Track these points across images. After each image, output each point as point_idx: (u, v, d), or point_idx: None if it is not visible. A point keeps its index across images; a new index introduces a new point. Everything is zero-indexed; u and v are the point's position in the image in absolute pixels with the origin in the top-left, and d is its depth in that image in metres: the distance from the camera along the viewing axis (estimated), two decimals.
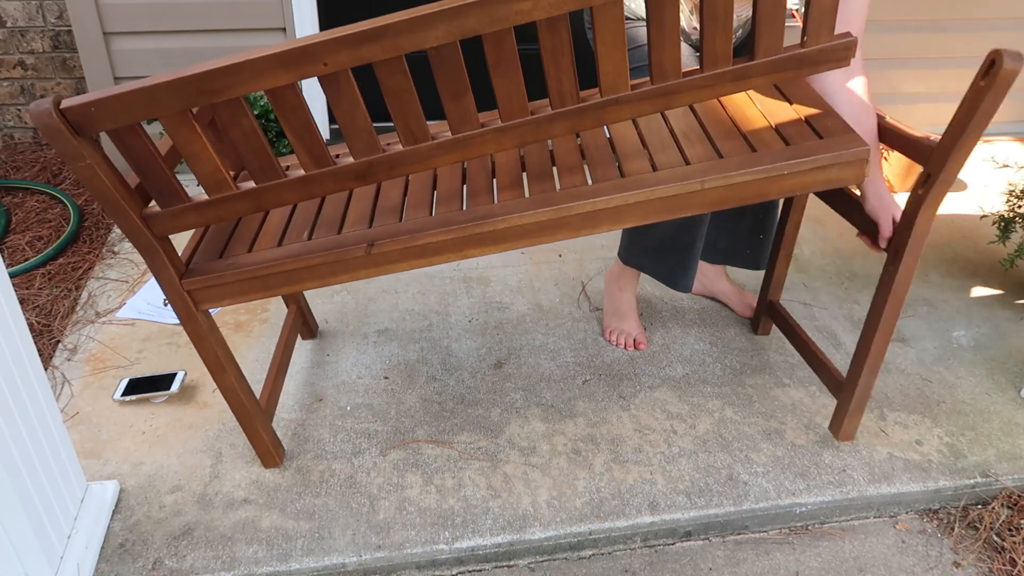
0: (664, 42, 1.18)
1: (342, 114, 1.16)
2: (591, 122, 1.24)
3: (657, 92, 1.23)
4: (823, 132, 1.33)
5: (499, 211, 1.30)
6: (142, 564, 1.39)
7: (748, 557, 1.51)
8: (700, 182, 1.27)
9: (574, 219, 1.30)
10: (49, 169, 2.69)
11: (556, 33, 1.13)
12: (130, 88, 1.06)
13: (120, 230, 1.22)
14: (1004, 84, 1.17)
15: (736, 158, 1.30)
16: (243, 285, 1.34)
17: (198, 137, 1.15)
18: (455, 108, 1.19)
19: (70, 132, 1.08)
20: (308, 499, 1.52)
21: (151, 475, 1.56)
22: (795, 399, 1.81)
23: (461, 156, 1.24)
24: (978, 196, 2.77)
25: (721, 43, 1.20)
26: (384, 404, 1.76)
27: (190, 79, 1.07)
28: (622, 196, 1.28)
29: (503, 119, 1.22)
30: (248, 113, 1.14)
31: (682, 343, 1.99)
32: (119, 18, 2.41)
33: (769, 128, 1.38)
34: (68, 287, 2.14)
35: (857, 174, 1.30)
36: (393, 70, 1.13)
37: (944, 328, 2.07)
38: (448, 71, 1.14)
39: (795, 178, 1.29)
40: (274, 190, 1.24)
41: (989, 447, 1.69)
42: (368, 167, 1.23)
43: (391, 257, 1.32)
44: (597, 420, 1.73)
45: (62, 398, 1.74)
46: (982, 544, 1.55)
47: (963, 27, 2.90)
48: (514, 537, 1.47)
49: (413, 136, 1.21)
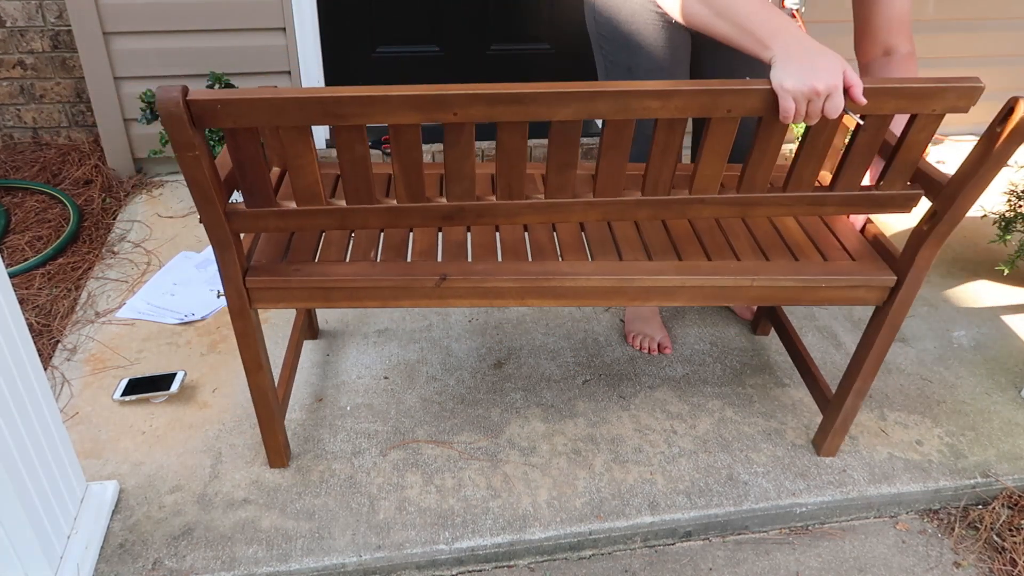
0: (762, 161, 1.27)
1: (453, 159, 1.22)
2: (673, 213, 1.34)
3: (741, 201, 1.33)
4: (855, 255, 1.47)
5: (566, 270, 1.39)
6: (142, 564, 1.39)
7: (748, 557, 1.51)
8: (751, 279, 1.39)
9: (631, 290, 1.40)
10: (49, 169, 2.69)
11: (672, 133, 1.21)
12: (260, 95, 1.10)
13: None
14: (1021, 131, 1.18)
15: (782, 263, 1.43)
16: (306, 293, 1.37)
17: (309, 151, 1.19)
18: (557, 177, 1.27)
19: (189, 122, 1.11)
20: (308, 499, 1.52)
21: (151, 475, 1.56)
22: (795, 399, 1.81)
23: (548, 219, 1.33)
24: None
25: (810, 172, 1.30)
26: (384, 404, 1.76)
27: (320, 100, 1.11)
28: (680, 279, 1.39)
29: (596, 194, 1.30)
30: (364, 141, 1.18)
31: (682, 343, 1.99)
32: (119, 18, 2.41)
33: (808, 242, 1.51)
34: (68, 287, 2.14)
35: (878, 298, 1.43)
36: (515, 132, 1.19)
37: (944, 328, 2.07)
38: (565, 144, 1.22)
39: (829, 292, 1.42)
40: (363, 213, 1.28)
41: (989, 447, 1.69)
42: (459, 211, 1.29)
43: (458, 293, 1.38)
44: (597, 420, 1.73)
45: (62, 398, 1.74)
46: (982, 544, 1.55)
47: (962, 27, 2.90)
48: (514, 537, 1.47)
49: (510, 192, 1.28)
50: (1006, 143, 1.20)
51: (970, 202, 1.29)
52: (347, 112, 1.12)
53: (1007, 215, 2.15)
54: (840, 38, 2.77)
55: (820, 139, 1.25)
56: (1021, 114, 1.15)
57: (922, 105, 1.18)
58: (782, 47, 1.17)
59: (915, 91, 1.16)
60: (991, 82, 3.08)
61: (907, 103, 1.18)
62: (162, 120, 1.09)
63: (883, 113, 1.19)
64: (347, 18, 2.66)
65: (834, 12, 2.73)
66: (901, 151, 1.27)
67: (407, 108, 1.12)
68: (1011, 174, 2.87)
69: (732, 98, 1.15)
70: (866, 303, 1.44)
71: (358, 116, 1.13)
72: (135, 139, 2.63)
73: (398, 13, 2.67)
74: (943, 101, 1.18)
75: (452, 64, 2.74)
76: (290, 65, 2.56)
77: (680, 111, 1.16)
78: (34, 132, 2.84)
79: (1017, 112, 1.16)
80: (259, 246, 1.44)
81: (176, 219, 2.46)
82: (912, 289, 1.40)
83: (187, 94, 1.09)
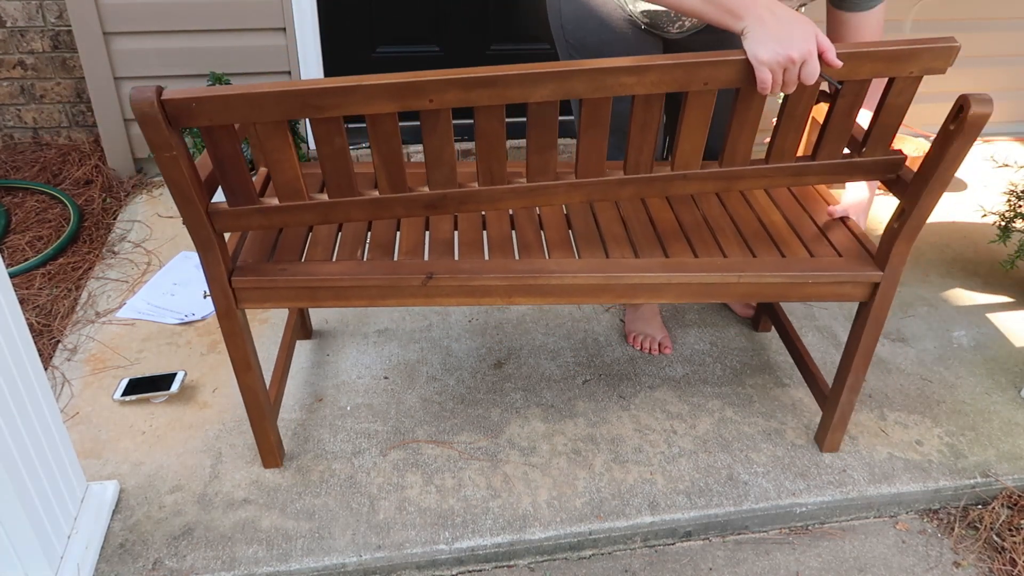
0: (742, 133, 1.27)
1: (432, 147, 1.22)
2: (656, 191, 1.34)
3: (722, 175, 1.33)
4: (842, 251, 1.46)
5: (553, 268, 1.39)
6: (142, 564, 1.39)
7: (748, 557, 1.51)
8: (737, 276, 1.39)
9: (618, 287, 1.40)
10: (49, 169, 2.69)
11: (650, 109, 1.21)
12: (235, 91, 1.09)
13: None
14: (972, 129, 1.20)
15: (769, 259, 1.43)
16: (292, 293, 1.37)
17: (287, 146, 1.18)
18: (538, 159, 1.26)
19: (165, 122, 1.11)
20: (308, 499, 1.52)
21: (151, 475, 1.56)
22: (795, 399, 1.81)
23: (531, 202, 1.32)
24: (978, 196, 2.77)
25: (791, 141, 1.30)
26: (384, 404, 1.76)
27: (298, 93, 1.10)
28: (667, 276, 1.39)
29: (578, 175, 1.30)
30: (343, 132, 1.18)
31: (682, 343, 1.99)
32: (119, 18, 2.41)
33: (794, 237, 1.51)
34: (68, 287, 2.14)
35: (864, 294, 1.44)
36: (492, 116, 1.19)
37: (944, 328, 2.07)
38: (543, 126, 1.22)
39: (816, 288, 1.42)
40: (346, 206, 1.28)
41: (989, 447, 1.69)
42: (441, 199, 1.29)
43: (445, 291, 1.38)
44: (597, 420, 1.73)
45: (62, 398, 1.74)
46: (982, 544, 1.55)
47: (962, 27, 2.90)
48: (514, 537, 1.47)
49: (491, 177, 1.27)
50: (960, 142, 1.21)
51: (935, 198, 1.31)
52: (324, 103, 1.11)
53: (1007, 215, 2.15)
54: None
55: (798, 108, 1.24)
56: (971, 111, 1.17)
57: (898, 68, 1.18)
58: (754, 18, 1.16)
59: (890, 54, 1.17)
60: (991, 82, 3.08)
61: (883, 66, 1.18)
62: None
63: (860, 78, 1.19)
64: (347, 18, 2.66)
65: None
66: (881, 116, 1.27)
67: (383, 96, 1.11)
68: (1011, 174, 2.87)
69: (708, 70, 1.15)
70: (852, 299, 1.44)
71: (335, 107, 1.12)
72: (135, 139, 2.64)
73: (398, 13, 2.67)
74: (919, 62, 1.18)
75: (452, 64, 2.74)
76: (290, 65, 2.56)
77: (655, 86, 1.16)
78: (34, 132, 2.84)
79: (967, 110, 1.18)
80: (245, 246, 1.44)
81: (176, 219, 2.46)
82: (891, 284, 1.42)
83: (161, 94, 1.08)
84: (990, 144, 3.15)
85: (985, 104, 1.17)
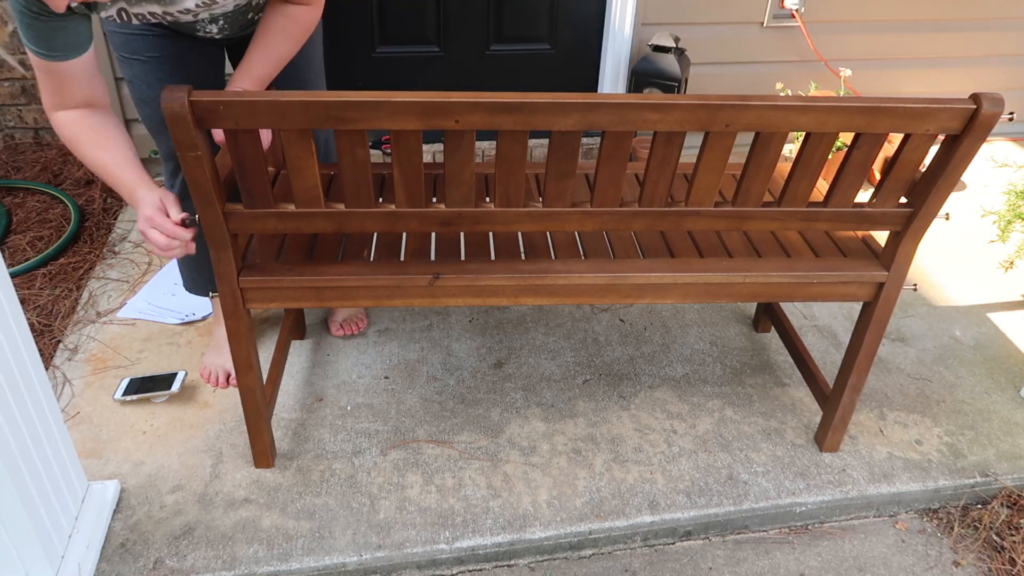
0: (758, 176, 1.28)
1: (453, 166, 1.22)
2: (669, 225, 1.34)
3: (734, 214, 1.33)
4: (846, 251, 1.47)
5: (560, 268, 1.40)
6: (143, 564, 1.39)
7: (748, 556, 1.51)
8: (743, 276, 1.39)
9: (624, 288, 1.41)
10: (50, 169, 2.69)
11: (670, 146, 1.22)
12: (263, 97, 1.10)
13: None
14: (983, 129, 1.20)
15: (774, 260, 1.44)
16: (299, 293, 1.37)
17: (310, 155, 1.19)
18: (556, 186, 1.27)
19: (193, 122, 1.12)
20: (308, 499, 1.52)
21: (152, 475, 1.56)
22: (795, 399, 1.81)
23: (545, 227, 1.33)
24: (978, 196, 2.77)
25: (804, 187, 1.30)
26: (384, 404, 1.77)
27: (323, 104, 1.11)
28: (672, 276, 1.40)
29: (594, 204, 1.30)
30: (366, 145, 1.19)
31: (682, 343, 1.99)
32: None
33: (799, 238, 1.51)
34: (69, 287, 2.14)
35: (869, 294, 1.44)
36: (516, 141, 1.19)
37: (944, 328, 2.07)
38: (564, 154, 1.22)
39: (821, 288, 1.43)
40: (361, 216, 1.28)
41: (989, 447, 1.69)
42: (456, 216, 1.29)
43: (451, 292, 1.38)
44: (597, 420, 1.74)
45: (63, 398, 1.75)
46: (982, 543, 1.55)
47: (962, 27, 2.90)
48: (514, 537, 1.47)
49: (508, 200, 1.28)
50: (970, 141, 1.22)
51: (941, 199, 1.31)
52: (349, 116, 1.13)
53: (1007, 215, 2.15)
54: (840, 38, 2.78)
55: (815, 156, 1.26)
56: (982, 111, 1.17)
57: (915, 125, 1.20)
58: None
59: (909, 111, 1.18)
60: (991, 82, 3.08)
61: (901, 122, 1.19)
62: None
63: (877, 132, 1.21)
64: (347, 18, 2.66)
65: (834, 12, 2.74)
66: (895, 170, 1.28)
67: (409, 114, 1.13)
68: (1011, 174, 2.87)
69: (730, 113, 1.16)
70: (856, 299, 1.44)
71: (360, 120, 1.13)
72: (136, 139, 2.60)
73: (398, 13, 2.67)
74: (936, 121, 1.20)
75: (452, 64, 2.74)
76: None
77: (678, 124, 1.17)
78: (35, 132, 2.84)
79: (978, 109, 1.18)
80: (252, 245, 1.44)
81: None
82: (896, 284, 1.42)
83: (191, 94, 1.10)
84: (989, 144, 3.15)
85: (996, 104, 1.17)
